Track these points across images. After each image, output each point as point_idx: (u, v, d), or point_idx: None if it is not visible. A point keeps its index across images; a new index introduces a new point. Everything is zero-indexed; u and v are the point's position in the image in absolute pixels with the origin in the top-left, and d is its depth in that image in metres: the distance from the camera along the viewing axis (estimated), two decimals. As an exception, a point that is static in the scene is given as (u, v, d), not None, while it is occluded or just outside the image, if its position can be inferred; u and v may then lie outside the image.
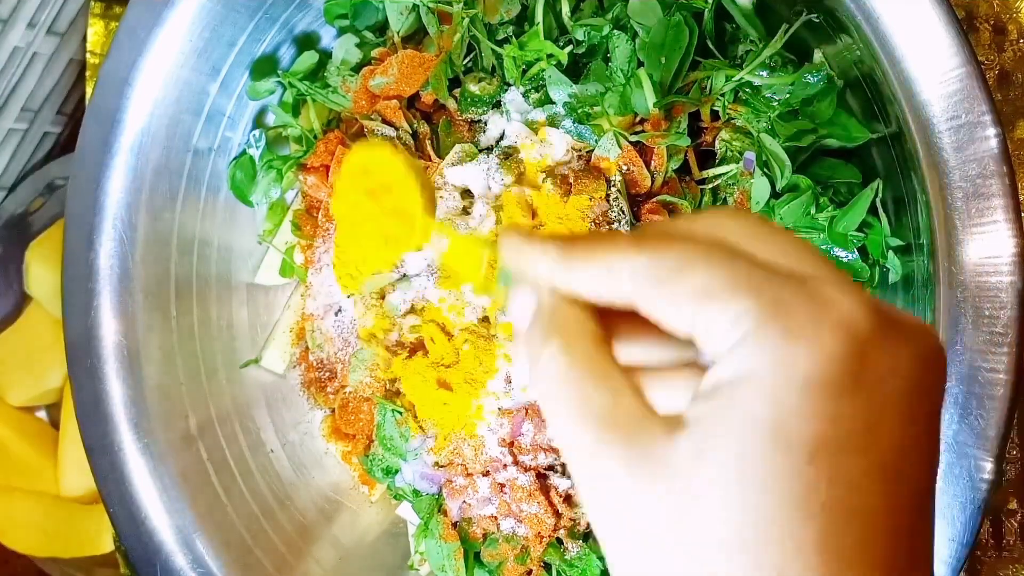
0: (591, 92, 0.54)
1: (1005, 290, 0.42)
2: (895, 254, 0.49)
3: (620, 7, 0.54)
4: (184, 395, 0.56)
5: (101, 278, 0.54)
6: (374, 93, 0.58)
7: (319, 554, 0.59)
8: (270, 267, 0.63)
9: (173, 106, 0.55)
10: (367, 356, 0.57)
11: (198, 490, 0.55)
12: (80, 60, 0.76)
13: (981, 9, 0.58)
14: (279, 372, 0.63)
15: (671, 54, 0.52)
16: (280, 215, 0.63)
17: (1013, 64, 0.58)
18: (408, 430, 0.56)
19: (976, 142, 0.42)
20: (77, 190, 0.54)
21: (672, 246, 0.25)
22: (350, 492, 0.63)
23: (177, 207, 0.57)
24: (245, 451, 0.59)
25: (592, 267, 0.26)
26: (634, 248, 0.25)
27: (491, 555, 0.56)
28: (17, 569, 0.77)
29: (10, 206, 0.79)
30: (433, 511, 0.58)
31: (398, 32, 0.58)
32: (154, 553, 0.53)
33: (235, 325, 0.61)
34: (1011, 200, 0.42)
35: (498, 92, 0.57)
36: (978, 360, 0.43)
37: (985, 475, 0.42)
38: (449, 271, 0.35)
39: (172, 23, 0.53)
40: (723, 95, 0.52)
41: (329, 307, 0.59)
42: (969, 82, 0.42)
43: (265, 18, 0.57)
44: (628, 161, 0.53)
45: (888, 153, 0.48)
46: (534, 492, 0.53)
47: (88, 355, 0.54)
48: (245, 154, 0.60)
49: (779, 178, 0.50)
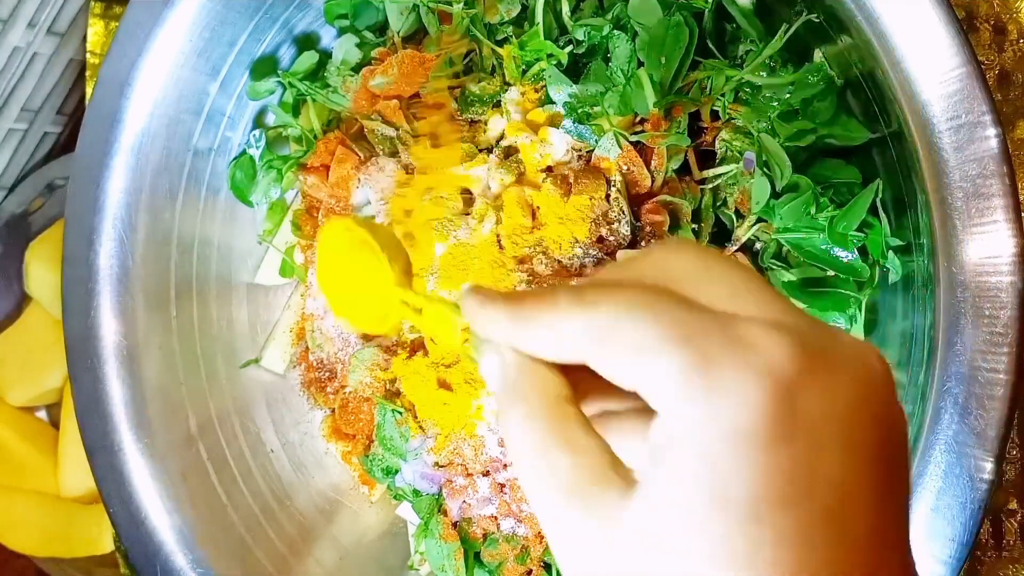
0: (591, 92, 0.54)
1: (1005, 290, 0.42)
2: (895, 254, 0.49)
3: (620, 7, 0.54)
4: (184, 395, 0.56)
5: (101, 278, 0.54)
6: (374, 93, 0.58)
7: (319, 554, 0.59)
8: (270, 267, 0.63)
9: (173, 106, 0.55)
10: (367, 356, 0.58)
11: (198, 490, 0.55)
12: (80, 60, 0.76)
13: (981, 9, 0.58)
14: (279, 372, 0.63)
15: (671, 54, 0.52)
16: (280, 215, 0.63)
17: (1013, 64, 0.58)
18: (408, 430, 0.56)
19: (976, 142, 0.42)
20: (77, 190, 0.54)
21: (607, 300, 0.25)
22: (350, 492, 0.63)
23: (177, 207, 0.57)
24: (245, 451, 0.59)
25: (538, 328, 0.26)
26: (574, 306, 0.25)
27: (491, 555, 0.56)
28: (17, 569, 0.77)
29: (10, 206, 0.79)
30: (433, 511, 0.58)
31: (398, 32, 0.58)
32: (154, 553, 0.53)
33: (235, 325, 0.61)
34: (1011, 200, 0.42)
35: (498, 92, 0.57)
36: (978, 360, 0.43)
37: (985, 475, 0.42)
38: (429, 332, 0.37)
39: (172, 23, 0.53)
40: (723, 95, 0.52)
41: (329, 307, 0.59)
42: (969, 82, 0.42)
43: (265, 18, 0.57)
44: (628, 161, 0.53)
45: (888, 153, 0.48)
46: (534, 492, 0.53)
47: (88, 355, 0.54)
48: (245, 154, 0.60)
49: (779, 178, 0.50)
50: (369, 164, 0.58)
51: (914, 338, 0.47)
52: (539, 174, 0.54)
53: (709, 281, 0.25)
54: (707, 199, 0.54)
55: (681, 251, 0.27)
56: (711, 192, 0.54)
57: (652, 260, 0.27)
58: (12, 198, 0.79)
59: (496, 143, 0.57)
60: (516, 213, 0.53)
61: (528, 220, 0.53)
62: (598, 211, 0.52)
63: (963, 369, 0.43)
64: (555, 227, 0.52)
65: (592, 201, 0.52)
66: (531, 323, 0.26)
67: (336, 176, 0.59)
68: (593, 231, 0.52)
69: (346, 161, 0.59)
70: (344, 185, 0.59)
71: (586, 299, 0.25)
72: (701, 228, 0.54)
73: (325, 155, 0.60)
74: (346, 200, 0.59)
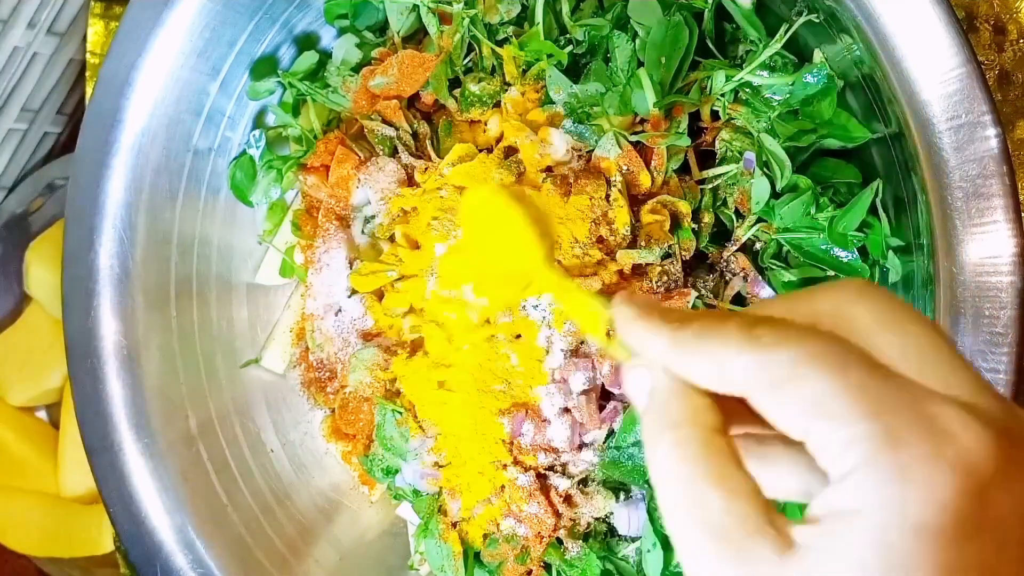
0: (591, 92, 0.54)
1: (1005, 290, 0.42)
2: (895, 254, 0.49)
3: (620, 7, 0.54)
4: (184, 395, 0.56)
5: (101, 278, 0.54)
6: (374, 93, 0.58)
7: (319, 554, 0.59)
8: (270, 267, 0.63)
9: (173, 106, 0.55)
10: (367, 356, 0.58)
11: (198, 490, 0.55)
12: (80, 60, 0.76)
13: (981, 9, 0.58)
14: (279, 372, 0.63)
15: (671, 54, 0.52)
16: (280, 215, 0.63)
17: (1013, 64, 0.58)
18: (408, 430, 0.56)
19: (976, 142, 0.42)
20: (77, 190, 0.54)
21: (786, 342, 0.23)
22: (350, 492, 0.63)
23: (177, 207, 0.57)
24: (245, 451, 0.59)
25: (701, 356, 0.25)
26: (746, 342, 0.24)
27: (491, 555, 0.56)
28: (17, 569, 0.77)
29: (10, 206, 0.79)
30: (433, 511, 0.58)
31: (398, 32, 0.58)
32: (154, 553, 0.53)
33: (235, 325, 0.61)
34: (1011, 200, 0.42)
35: (498, 92, 0.57)
36: (978, 360, 0.43)
37: (985, 475, 0.42)
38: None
39: (172, 23, 0.53)
40: (723, 95, 0.52)
41: (329, 307, 0.59)
42: (969, 82, 0.42)
43: (265, 18, 0.57)
44: (628, 161, 0.53)
45: (888, 153, 0.48)
46: (534, 492, 0.53)
47: (88, 355, 0.54)
48: (245, 154, 0.60)
49: (779, 178, 0.50)
50: (369, 164, 0.58)
51: (914, 338, 0.47)
52: (539, 174, 0.54)
53: (898, 341, 0.24)
54: (707, 199, 0.54)
55: (868, 297, 0.25)
56: (711, 192, 0.54)
57: (831, 300, 0.25)
58: (12, 198, 0.79)
59: (496, 143, 0.57)
60: (516, 213, 0.53)
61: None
62: (598, 211, 0.52)
63: (963, 369, 0.43)
64: (555, 227, 0.52)
65: (592, 201, 0.52)
66: (694, 350, 0.25)
67: (336, 176, 0.59)
68: (593, 231, 0.52)
69: (346, 161, 0.59)
70: (344, 185, 0.59)
71: (761, 338, 0.24)
72: (701, 228, 0.54)
73: (325, 155, 0.60)
74: (346, 200, 0.59)
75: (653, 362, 0.26)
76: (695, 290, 0.53)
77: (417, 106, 0.60)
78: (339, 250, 0.59)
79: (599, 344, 0.31)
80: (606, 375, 0.52)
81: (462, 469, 0.55)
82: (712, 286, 0.54)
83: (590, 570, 0.54)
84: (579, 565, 0.54)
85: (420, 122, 0.59)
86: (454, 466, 0.56)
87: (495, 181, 0.50)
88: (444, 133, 0.58)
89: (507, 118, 0.56)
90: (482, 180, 0.54)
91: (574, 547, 0.55)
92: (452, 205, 0.55)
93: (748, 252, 0.54)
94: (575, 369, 0.52)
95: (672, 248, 0.53)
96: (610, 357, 0.29)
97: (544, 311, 0.52)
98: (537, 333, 0.52)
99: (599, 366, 0.52)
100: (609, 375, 0.52)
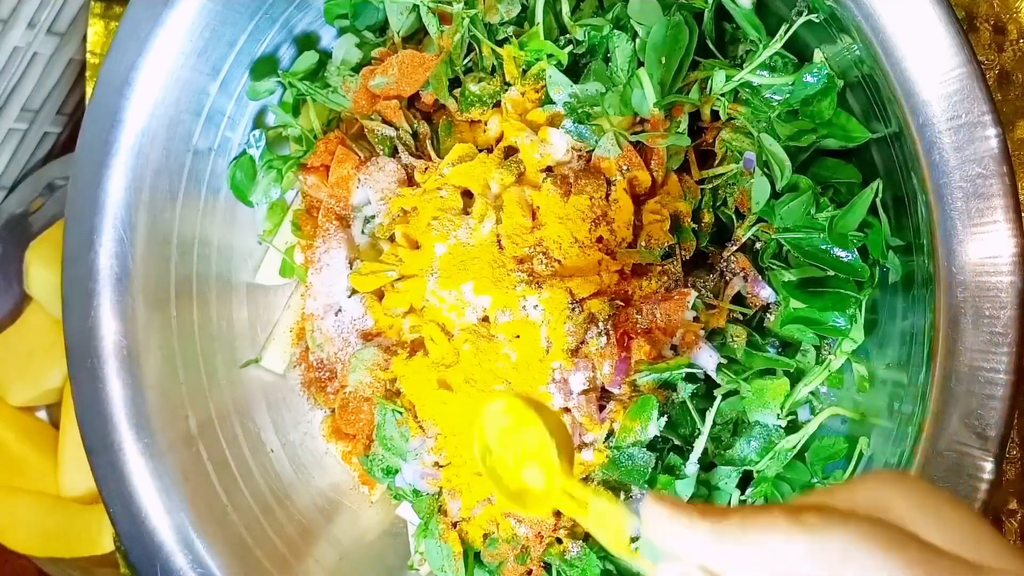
0: (591, 92, 0.54)
1: (1005, 290, 0.42)
2: (895, 254, 0.49)
3: (620, 7, 0.54)
4: (184, 395, 0.56)
5: (101, 278, 0.54)
6: (374, 93, 0.58)
7: (319, 554, 0.59)
8: (270, 267, 0.63)
9: (173, 106, 0.55)
10: (367, 356, 0.58)
11: (198, 490, 0.55)
12: (80, 60, 0.76)
13: (981, 9, 0.58)
14: (279, 372, 0.63)
15: (671, 54, 0.52)
16: (280, 215, 0.63)
17: (1013, 64, 0.58)
18: (408, 430, 0.56)
19: (976, 142, 0.42)
20: (77, 190, 0.54)
21: (834, 527, 0.24)
22: (350, 492, 0.63)
23: (177, 207, 0.57)
24: (245, 451, 0.59)
25: (747, 548, 0.25)
26: (797, 529, 0.24)
27: (491, 555, 0.56)
28: (17, 569, 0.77)
29: (10, 206, 0.79)
30: (433, 511, 0.58)
31: (398, 32, 0.58)
32: (154, 553, 0.53)
33: (235, 325, 0.61)
34: (1011, 200, 0.42)
35: (498, 92, 0.57)
36: (978, 360, 0.43)
37: (985, 475, 0.42)
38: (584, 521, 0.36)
39: (172, 23, 0.53)
40: (723, 95, 0.52)
41: (329, 307, 0.59)
42: (969, 82, 0.42)
43: (265, 18, 0.57)
44: (628, 161, 0.53)
45: (888, 153, 0.48)
46: (534, 492, 0.53)
47: (88, 355, 0.54)
48: (245, 154, 0.60)
49: (779, 178, 0.50)
50: (369, 164, 0.58)
51: (914, 338, 0.47)
52: (539, 174, 0.54)
53: (940, 521, 0.25)
54: (707, 199, 0.54)
55: (899, 484, 0.26)
56: (711, 192, 0.54)
57: (868, 489, 0.26)
58: (12, 198, 0.79)
59: (496, 143, 0.57)
60: (516, 213, 0.53)
61: (528, 220, 0.53)
62: (598, 211, 0.52)
63: (963, 369, 0.43)
64: (555, 227, 0.52)
65: (592, 201, 0.52)
66: (738, 542, 0.25)
67: (336, 176, 0.59)
68: (593, 231, 0.52)
69: (346, 161, 0.59)
70: (344, 185, 0.59)
71: (810, 524, 0.24)
72: (701, 228, 0.54)
73: (325, 155, 0.60)
74: (346, 200, 0.59)
75: (689, 561, 0.26)
76: (695, 290, 0.53)
77: (417, 106, 0.60)
78: (339, 250, 0.59)
79: (623, 557, 0.31)
80: (606, 375, 0.52)
81: (462, 469, 0.55)
82: (712, 286, 0.54)
83: (590, 570, 0.54)
84: (579, 565, 0.54)
85: (420, 122, 0.59)
86: (454, 466, 0.56)
87: (511, 393, 0.50)
88: (444, 133, 0.58)
89: (507, 118, 0.56)
90: (496, 389, 0.53)
91: (574, 547, 0.55)
92: (452, 205, 0.55)
93: (748, 252, 0.54)
94: (575, 369, 0.52)
95: (672, 248, 0.53)
96: (631, 562, 0.29)
97: (543, 311, 0.52)
98: (537, 333, 0.52)
99: (599, 366, 0.52)
100: (609, 375, 0.52)
